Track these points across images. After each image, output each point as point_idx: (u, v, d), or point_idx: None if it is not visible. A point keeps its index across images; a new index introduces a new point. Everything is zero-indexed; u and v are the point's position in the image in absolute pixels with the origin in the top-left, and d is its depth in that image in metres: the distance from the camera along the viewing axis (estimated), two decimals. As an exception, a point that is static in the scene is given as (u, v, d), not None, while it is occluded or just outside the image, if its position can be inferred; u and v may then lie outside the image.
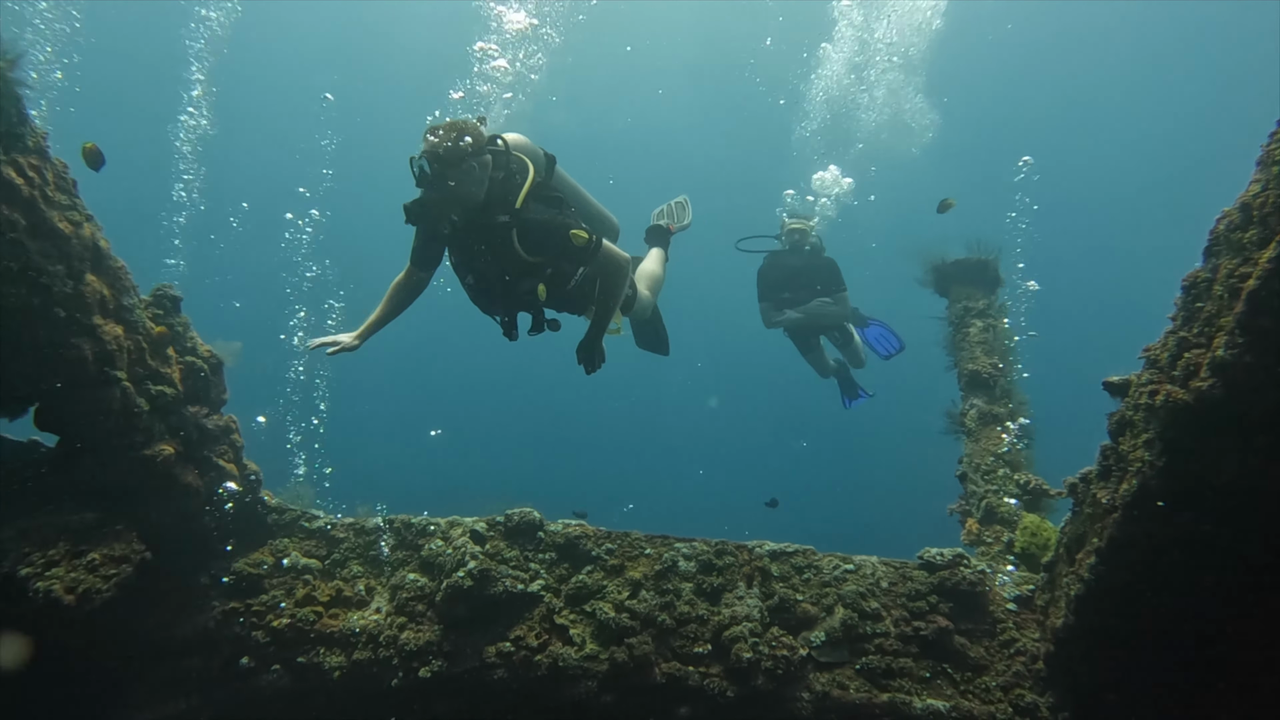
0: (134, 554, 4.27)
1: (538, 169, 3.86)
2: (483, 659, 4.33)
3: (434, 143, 3.46)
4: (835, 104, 14.91)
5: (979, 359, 5.81)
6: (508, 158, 3.75)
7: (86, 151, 4.28)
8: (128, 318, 4.03)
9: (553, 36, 8.49)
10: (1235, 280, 2.45)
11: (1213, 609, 3.08)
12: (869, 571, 4.52)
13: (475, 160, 3.54)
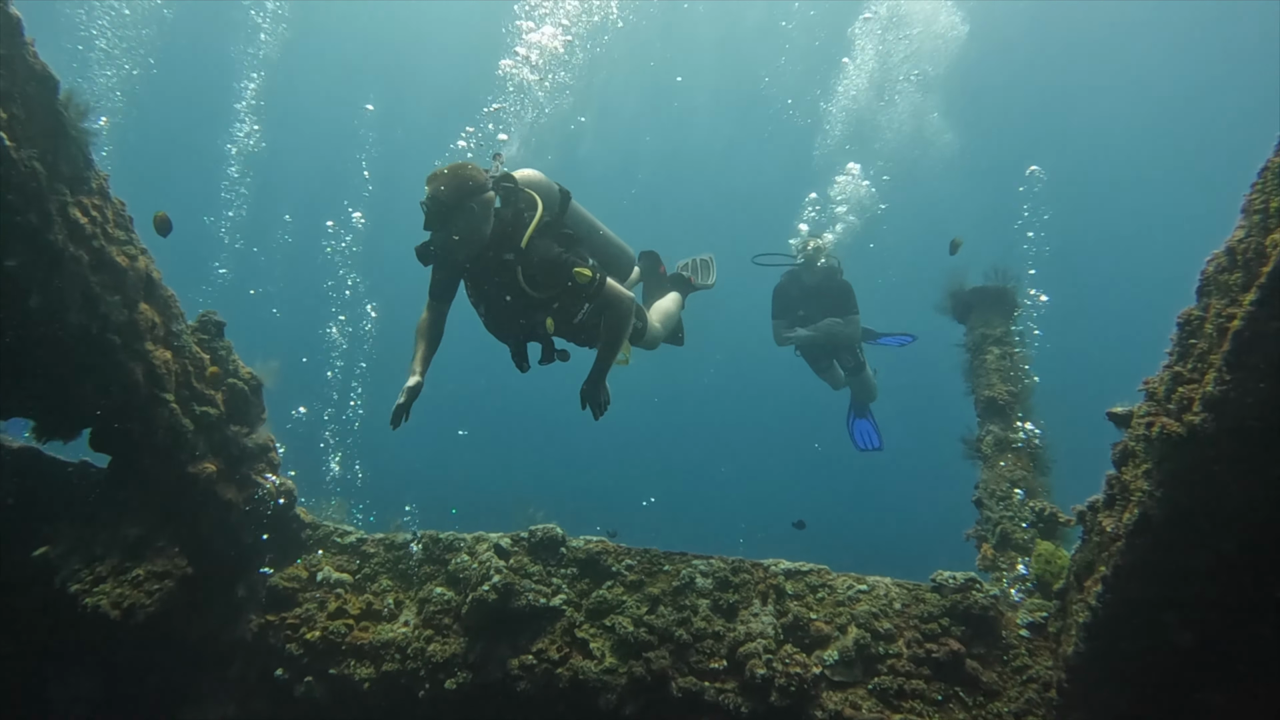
0: (177, 569, 4.53)
1: (549, 205, 4.00)
2: (506, 671, 4.50)
3: (435, 188, 3.64)
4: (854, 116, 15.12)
5: (995, 386, 5.89)
6: (517, 195, 3.91)
7: (157, 220, 4.60)
8: (175, 343, 4.30)
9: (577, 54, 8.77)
10: (1223, 320, 2.56)
11: (1222, 636, 3.15)
12: (882, 592, 4.61)
13: (475, 202, 3.70)
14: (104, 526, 4.59)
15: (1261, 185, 2.49)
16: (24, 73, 3.54)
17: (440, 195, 3.62)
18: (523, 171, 4.12)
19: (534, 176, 4.14)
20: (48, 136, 3.60)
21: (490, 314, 4.06)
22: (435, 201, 3.63)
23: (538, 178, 4.16)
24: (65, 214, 3.57)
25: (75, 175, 3.63)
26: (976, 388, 6.10)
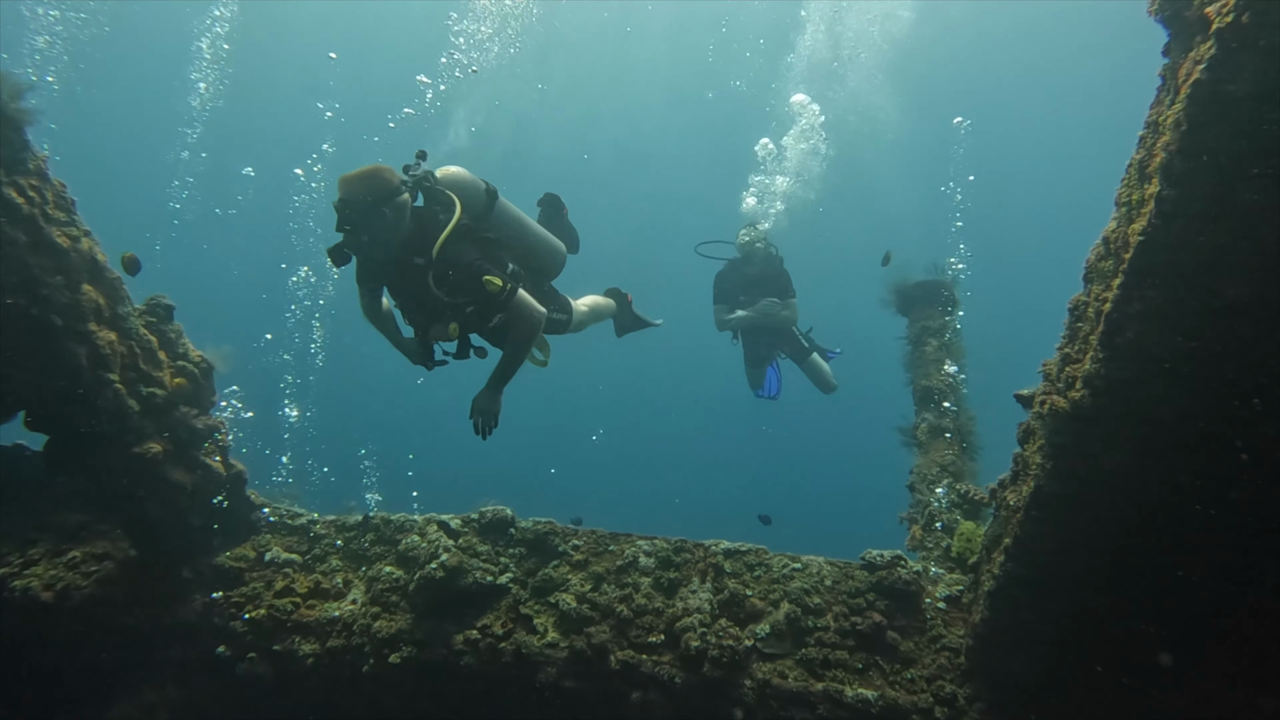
0: (118, 551, 4.58)
1: (471, 205, 3.99)
2: (451, 646, 4.63)
3: (347, 191, 3.63)
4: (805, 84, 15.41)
5: (932, 376, 6.12)
6: (436, 195, 3.90)
7: (125, 260, 4.65)
8: (122, 325, 4.35)
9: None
10: (1100, 304, 2.76)
11: (1110, 603, 3.37)
12: (815, 570, 4.81)
13: (389, 206, 3.69)
14: (41, 511, 4.62)
15: (1126, 180, 2.68)
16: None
17: (352, 199, 3.62)
18: (446, 170, 4.11)
19: (458, 175, 4.12)
20: (-18, 118, 3.65)
21: (405, 311, 4.11)
22: (347, 205, 3.62)
23: (462, 176, 4.13)
24: (1, 195, 3.62)
25: (10, 157, 3.67)
26: (915, 378, 6.33)
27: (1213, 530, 2.79)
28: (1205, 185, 2.26)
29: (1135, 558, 3.11)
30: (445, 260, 3.76)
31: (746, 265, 7.77)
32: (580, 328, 5.25)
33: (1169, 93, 2.58)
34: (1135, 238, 2.46)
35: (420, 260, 3.77)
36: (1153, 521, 2.90)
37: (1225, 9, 2.13)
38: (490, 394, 4.03)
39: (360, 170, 3.72)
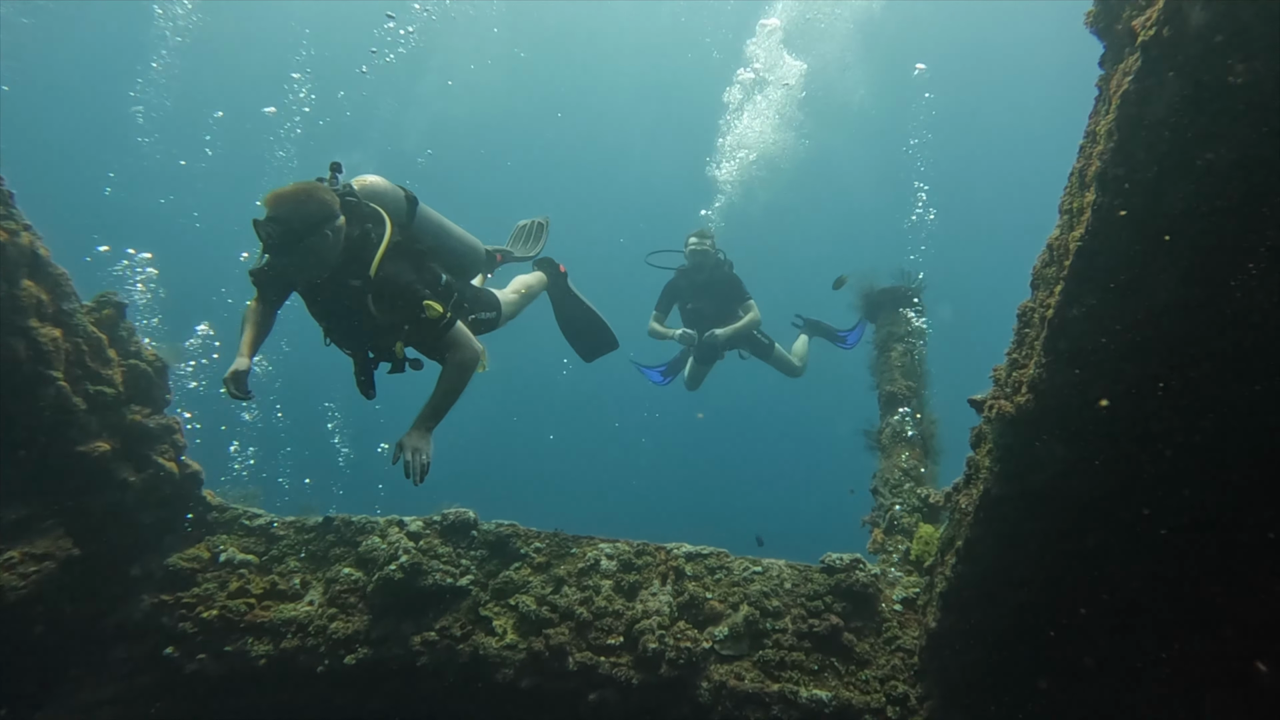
0: (60, 550, 4.45)
1: (395, 216, 3.80)
2: (408, 647, 4.58)
3: (281, 212, 3.35)
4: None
5: (897, 381, 6.16)
6: (362, 211, 3.67)
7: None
8: (68, 321, 4.26)
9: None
10: (1044, 310, 2.79)
11: (1053, 603, 3.41)
12: (775, 573, 4.82)
13: (329, 228, 3.45)
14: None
15: (1068, 188, 2.72)
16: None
17: (288, 221, 3.35)
18: (364, 180, 3.90)
19: (377, 185, 3.92)
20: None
21: (335, 331, 3.85)
22: (281, 227, 3.34)
23: (381, 186, 3.93)
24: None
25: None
26: (880, 383, 6.37)
27: (1150, 530, 2.83)
28: (1136, 193, 2.29)
29: (1076, 559, 3.14)
30: (383, 280, 3.57)
31: (696, 273, 7.68)
32: (514, 315, 5.07)
33: (1104, 103, 2.62)
34: (1074, 244, 2.48)
35: (357, 283, 3.56)
36: (1093, 522, 2.93)
37: (1149, 23, 2.17)
38: (421, 433, 3.67)
39: (294, 189, 3.46)
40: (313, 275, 3.55)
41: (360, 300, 3.58)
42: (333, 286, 3.59)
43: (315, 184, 3.55)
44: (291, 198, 3.42)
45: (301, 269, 3.49)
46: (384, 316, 3.63)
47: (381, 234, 3.63)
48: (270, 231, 3.34)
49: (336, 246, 3.51)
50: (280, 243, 3.37)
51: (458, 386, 3.79)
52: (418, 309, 3.60)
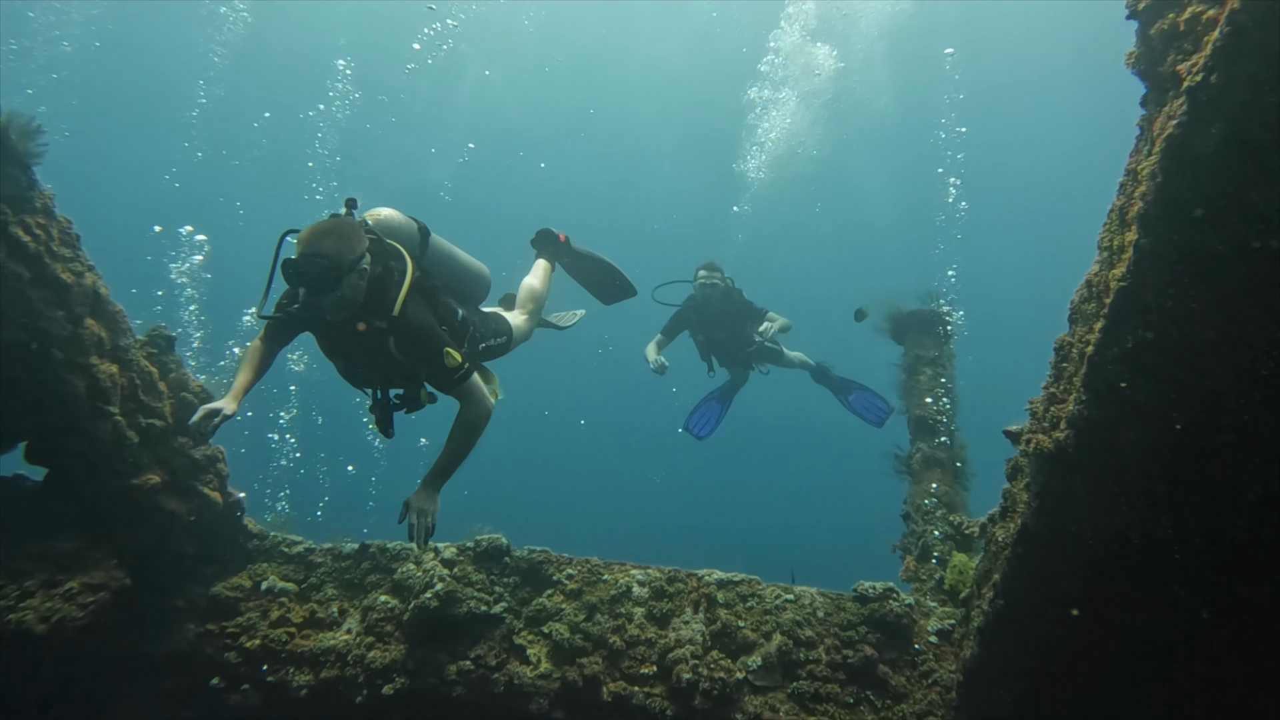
0: (113, 581, 4.57)
1: (410, 253, 3.74)
2: (443, 677, 4.63)
3: (320, 248, 3.28)
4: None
5: (926, 405, 6.16)
6: (383, 248, 3.60)
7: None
8: (124, 357, 4.41)
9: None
10: (1083, 345, 2.81)
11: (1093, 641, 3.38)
12: (807, 601, 4.82)
13: (364, 265, 3.40)
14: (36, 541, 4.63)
15: (1108, 225, 2.74)
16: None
17: (334, 258, 3.27)
18: (377, 214, 3.84)
19: (392, 219, 3.86)
20: (-12, 157, 3.73)
21: (353, 371, 3.76)
22: (327, 262, 3.26)
23: (396, 220, 3.88)
24: (5, 233, 3.69)
25: (17, 195, 3.75)
26: (909, 406, 6.36)
27: (1196, 574, 2.82)
28: (1179, 235, 2.32)
29: (1118, 598, 3.13)
30: (406, 321, 3.51)
31: (705, 306, 7.58)
32: (527, 336, 4.89)
33: (1146, 143, 2.64)
34: (1115, 283, 2.51)
35: (382, 324, 3.48)
36: (1135, 563, 2.92)
37: (1195, 68, 2.20)
38: (428, 493, 3.63)
39: (332, 225, 3.42)
40: (343, 314, 3.44)
41: (381, 341, 3.50)
42: (353, 326, 3.48)
43: (348, 220, 3.52)
44: (334, 233, 3.36)
45: (339, 307, 3.38)
46: (404, 358, 3.56)
47: (403, 270, 3.58)
48: (313, 268, 3.25)
49: (363, 287, 3.43)
50: (323, 280, 3.27)
51: (467, 445, 3.71)
52: (437, 354, 3.54)
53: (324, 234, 3.35)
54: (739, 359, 7.97)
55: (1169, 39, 2.49)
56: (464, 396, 3.69)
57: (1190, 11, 2.39)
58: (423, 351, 3.55)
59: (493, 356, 4.54)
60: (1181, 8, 2.46)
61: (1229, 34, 2.11)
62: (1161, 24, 2.51)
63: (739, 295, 7.65)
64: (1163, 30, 2.51)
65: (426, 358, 3.56)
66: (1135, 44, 2.68)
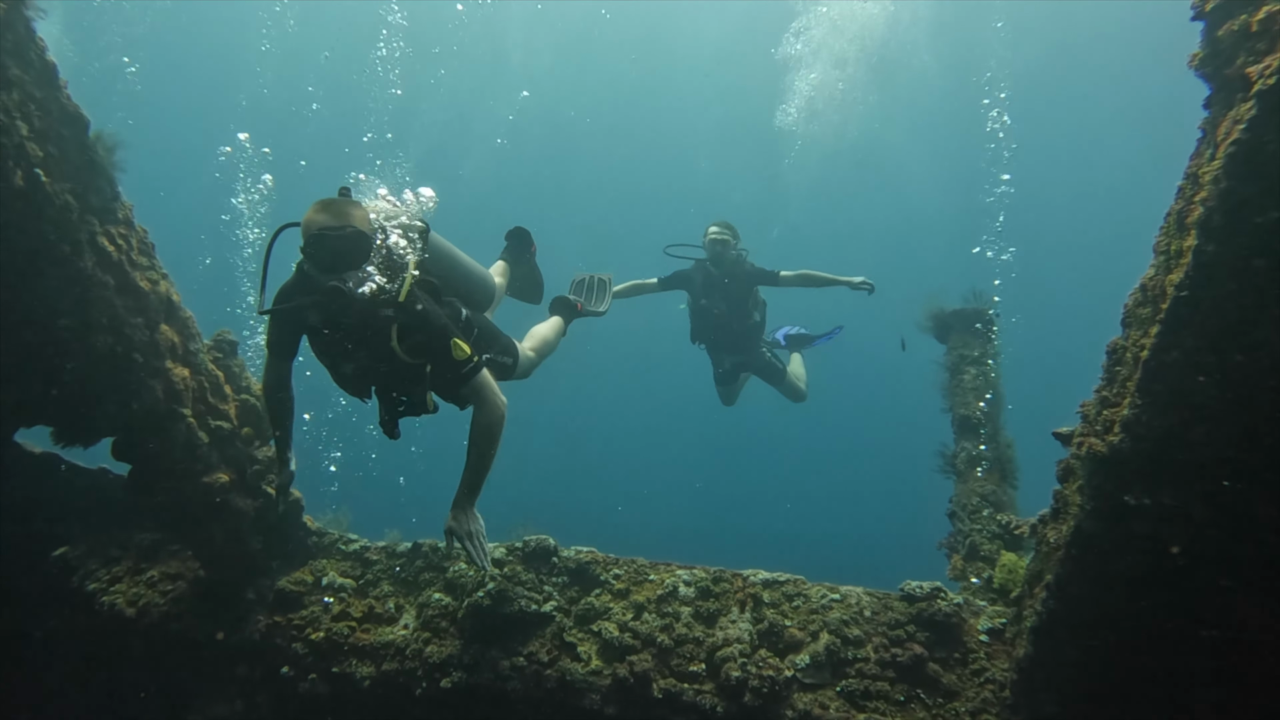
0: (189, 571, 4.85)
1: (414, 249, 3.45)
2: (498, 671, 4.77)
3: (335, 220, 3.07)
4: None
5: (970, 405, 6.16)
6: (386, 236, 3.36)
7: None
8: (194, 361, 4.62)
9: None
10: (1137, 350, 2.84)
11: (1151, 642, 3.40)
12: (854, 601, 4.87)
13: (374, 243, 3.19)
14: (121, 530, 4.93)
15: (1165, 229, 2.77)
16: (58, 114, 3.90)
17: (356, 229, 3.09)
18: (375, 205, 3.56)
19: (392, 211, 3.59)
20: (79, 172, 3.96)
21: (349, 374, 3.48)
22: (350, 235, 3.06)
23: (395, 212, 3.60)
24: (94, 243, 3.91)
25: (103, 206, 3.97)
26: (953, 406, 6.36)
27: (1254, 576, 2.83)
28: (1242, 242, 2.34)
29: (1173, 602, 3.14)
30: (412, 309, 3.26)
31: (715, 265, 7.13)
32: (528, 373, 4.69)
33: (1209, 146, 2.65)
34: (1172, 289, 2.54)
35: (388, 311, 3.22)
36: (1192, 564, 2.94)
37: (1269, 71, 2.21)
38: (466, 513, 3.52)
39: (345, 201, 3.20)
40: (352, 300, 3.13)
41: (384, 333, 3.25)
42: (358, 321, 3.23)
43: (351, 201, 3.28)
44: (349, 205, 3.16)
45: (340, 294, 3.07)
46: (409, 354, 3.32)
47: (407, 266, 3.34)
48: (343, 240, 3.04)
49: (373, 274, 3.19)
50: (354, 252, 3.07)
51: (490, 453, 3.50)
52: (444, 347, 3.31)
53: (341, 205, 3.14)
54: (732, 340, 7.50)
55: (1240, 40, 2.49)
56: (476, 396, 3.46)
57: (1266, 11, 2.38)
58: (429, 343, 3.31)
59: (498, 376, 4.16)
60: (1256, 7, 2.45)
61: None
62: (1231, 24, 2.51)
63: (748, 265, 7.20)
64: (1232, 31, 2.51)
65: (433, 350, 3.33)
66: (1200, 45, 2.69)
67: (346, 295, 3.07)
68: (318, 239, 3.06)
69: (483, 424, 3.50)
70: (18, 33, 3.64)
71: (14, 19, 3.58)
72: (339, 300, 3.07)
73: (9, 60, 3.60)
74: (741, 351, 7.57)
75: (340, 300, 3.07)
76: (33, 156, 3.68)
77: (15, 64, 3.64)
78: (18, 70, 3.67)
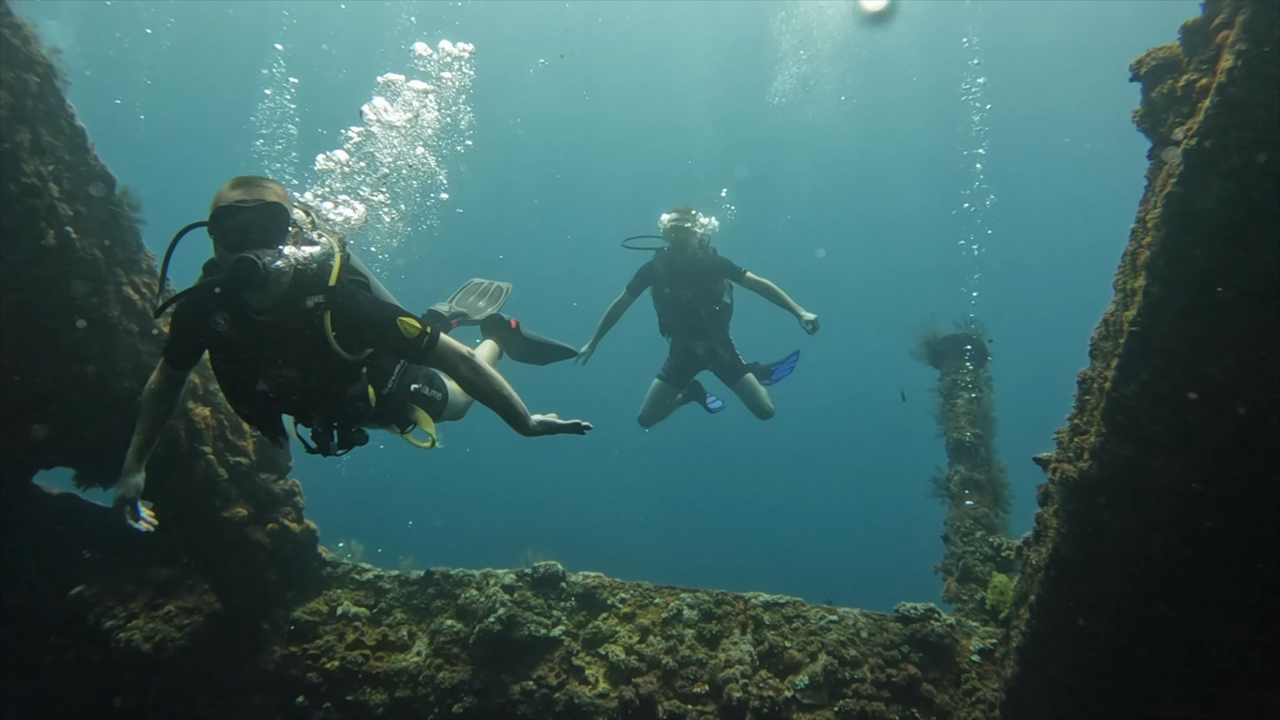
0: (205, 605, 5.02)
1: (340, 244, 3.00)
2: (508, 696, 4.93)
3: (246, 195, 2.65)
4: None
5: (964, 429, 6.32)
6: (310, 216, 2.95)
7: None
8: (213, 400, 4.84)
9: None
10: (1102, 380, 3.02)
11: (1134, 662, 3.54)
12: (851, 622, 5.02)
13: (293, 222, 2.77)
14: (137, 567, 5.11)
15: (1122, 268, 2.96)
16: (86, 174, 4.17)
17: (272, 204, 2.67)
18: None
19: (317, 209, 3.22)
20: (106, 227, 4.22)
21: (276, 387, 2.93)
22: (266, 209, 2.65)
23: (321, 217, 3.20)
24: (120, 293, 4.16)
25: (129, 258, 4.23)
26: (947, 430, 6.53)
27: (1222, 593, 2.99)
28: (1184, 283, 2.54)
29: (1150, 619, 3.29)
30: (344, 291, 2.85)
31: (677, 254, 6.81)
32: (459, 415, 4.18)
33: (1153, 194, 2.87)
34: (1128, 326, 2.73)
35: (318, 299, 2.79)
36: (1161, 584, 3.10)
37: (1190, 133, 2.44)
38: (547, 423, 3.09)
39: (260, 177, 2.78)
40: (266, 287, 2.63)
41: (317, 326, 2.81)
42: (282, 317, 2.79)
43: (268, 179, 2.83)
44: (266, 181, 2.76)
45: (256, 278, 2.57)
46: (344, 347, 2.86)
47: (330, 252, 2.89)
48: (258, 214, 2.63)
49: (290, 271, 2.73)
50: (270, 228, 2.65)
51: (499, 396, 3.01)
52: (389, 329, 2.85)
53: (257, 183, 2.73)
54: (702, 326, 7.17)
55: (1168, 102, 2.73)
56: (442, 363, 2.98)
57: (1185, 79, 2.64)
58: (370, 330, 2.87)
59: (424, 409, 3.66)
60: (1179, 74, 2.70)
61: (1218, 103, 2.35)
62: (1161, 88, 2.76)
63: (713, 254, 6.96)
64: (1163, 94, 2.75)
65: (379, 337, 2.88)
66: (1140, 104, 2.92)
67: (261, 267, 2.55)
68: (227, 211, 2.62)
69: (469, 379, 3.00)
70: (49, 103, 3.92)
71: (47, 91, 3.85)
72: (250, 273, 2.54)
73: (42, 129, 3.87)
74: (710, 337, 7.24)
75: (253, 273, 2.54)
76: (63, 215, 3.94)
77: (48, 132, 3.91)
78: (49, 137, 3.94)
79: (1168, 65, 2.77)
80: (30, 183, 3.60)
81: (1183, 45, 2.74)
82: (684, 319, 7.11)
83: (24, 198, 3.60)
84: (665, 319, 7.24)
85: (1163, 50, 2.82)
